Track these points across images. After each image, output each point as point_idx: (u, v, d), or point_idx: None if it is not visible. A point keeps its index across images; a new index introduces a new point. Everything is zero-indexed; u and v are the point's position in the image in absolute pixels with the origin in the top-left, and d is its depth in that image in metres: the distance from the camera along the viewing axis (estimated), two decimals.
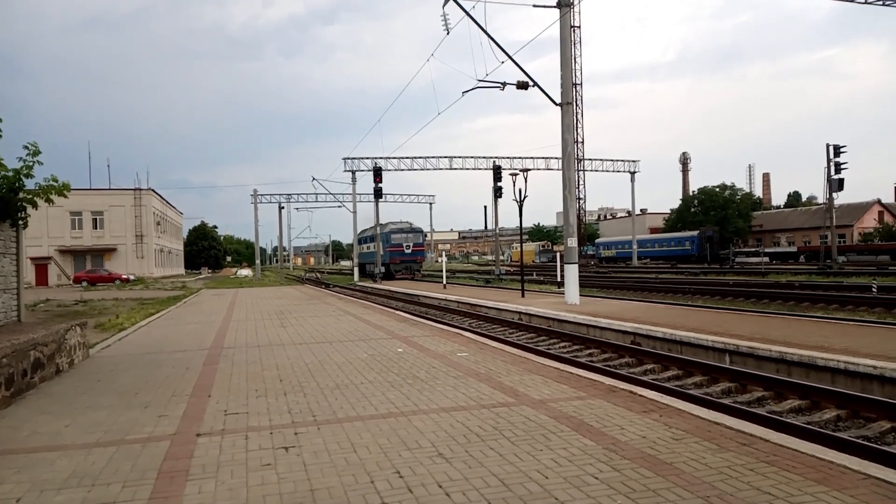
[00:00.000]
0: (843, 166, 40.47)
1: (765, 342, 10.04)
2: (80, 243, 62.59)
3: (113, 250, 63.31)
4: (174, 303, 25.35)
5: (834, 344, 9.76)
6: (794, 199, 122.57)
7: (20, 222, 9.57)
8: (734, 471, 4.26)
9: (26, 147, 9.01)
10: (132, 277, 56.15)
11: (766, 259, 54.51)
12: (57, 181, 9.41)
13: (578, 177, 64.83)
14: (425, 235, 49.50)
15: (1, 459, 4.94)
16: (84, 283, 51.09)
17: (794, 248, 66.37)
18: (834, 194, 42.47)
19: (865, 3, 21.59)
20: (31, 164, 9.03)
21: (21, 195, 9.22)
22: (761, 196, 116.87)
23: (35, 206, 9.52)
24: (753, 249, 64.85)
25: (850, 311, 17.68)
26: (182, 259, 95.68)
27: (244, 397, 6.96)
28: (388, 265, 45.12)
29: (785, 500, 3.77)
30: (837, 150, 40.32)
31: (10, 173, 8.91)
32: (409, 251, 45.60)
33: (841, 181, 40.89)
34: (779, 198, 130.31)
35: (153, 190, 68.97)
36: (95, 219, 63.58)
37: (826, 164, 40.92)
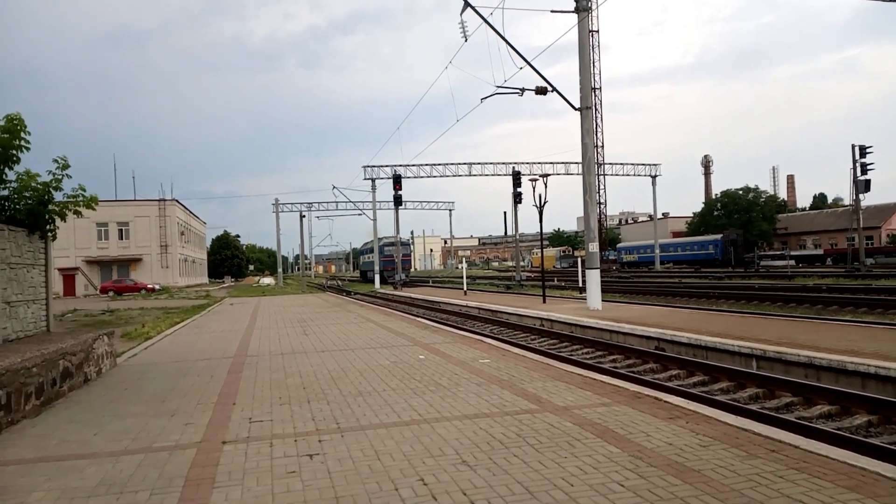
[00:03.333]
0: (869, 167, 39.70)
1: (792, 347, 9.87)
2: (106, 254, 63.63)
3: (138, 260, 64.25)
4: (198, 311, 25.64)
5: (864, 348, 9.57)
6: (819, 200, 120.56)
7: (49, 234, 9.75)
8: (763, 478, 4.19)
9: (56, 161, 9.21)
10: (157, 287, 56.92)
11: (792, 262, 53.67)
12: (85, 190, 9.59)
13: (599, 181, 64.43)
14: (411, 248, 58.97)
15: (32, 467, 5.03)
16: (111, 293, 51.94)
17: (820, 251, 65.29)
18: (860, 195, 41.67)
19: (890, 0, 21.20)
20: (60, 177, 9.22)
21: (50, 207, 9.41)
22: (786, 198, 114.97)
23: (64, 218, 9.70)
24: (779, 252, 63.93)
25: (879, 314, 17.31)
26: (206, 268, 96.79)
27: (268, 405, 7.01)
28: (382, 271, 53.22)
29: None
30: (863, 151, 39.59)
31: (40, 186, 9.10)
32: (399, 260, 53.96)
33: (867, 182, 40.12)
34: (804, 200, 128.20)
35: (177, 200, 69.95)
36: (121, 230, 64.62)
37: (852, 165, 40.21)
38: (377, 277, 51.14)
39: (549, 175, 25.30)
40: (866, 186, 40.33)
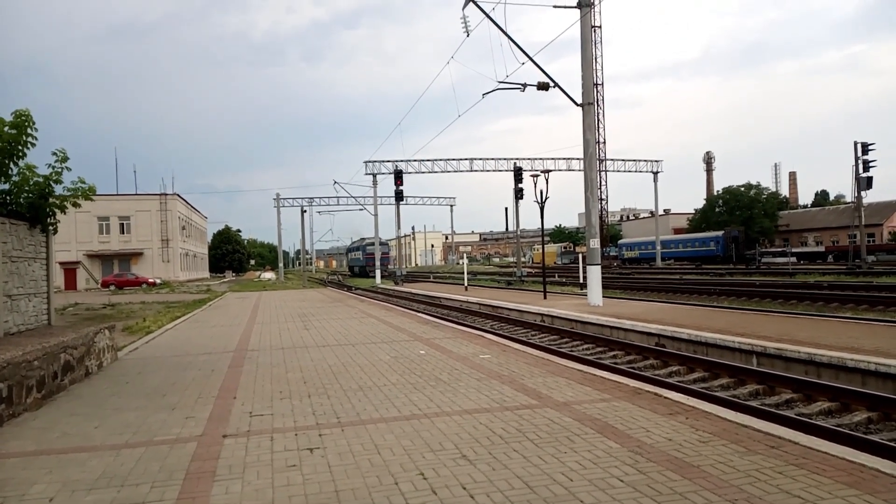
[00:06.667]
0: (871, 164, 39.60)
1: (793, 343, 9.88)
2: (107, 248, 63.73)
3: (139, 254, 64.35)
4: (199, 306, 25.67)
5: (864, 345, 9.56)
6: (821, 197, 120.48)
7: (50, 227, 9.77)
8: (763, 473, 4.20)
9: (55, 154, 9.23)
10: (158, 281, 57.05)
11: (794, 259, 53.58)
12: (85, 182, 9.61)
13: (600, 177, 64.44)
14: (389, 248, 67.96)
15: (33, 460, 5.04)
16: (112, 287, 52.08)
17: (821, 248, 65.17)
18: (862, 193, 41.64)
19: None
20: (59, 170, 9.24)
21: (51, 200, 9.42)
22: (788, 195, 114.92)
23: (64, 211, 9.71)
24: (780, 249, 63.82)
25: (880, 311, 17.30)
26: (207, 262, 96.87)
27: (269, 399, 7.02)
28: (363, 267, 61.14)
29: (815, 503, 3.70)
30: (865, 148, 39.49)
31: (41, 179, 9.11)
32: (379, 258, 60.83)
33: (869, 179, 40.03)
34: (806, 197, 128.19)
35: (178, 195, 69.99)
36: (122, 224, 64.73)
37: (854, 162, 40.13)
38: (378, 272, 51.49)
39: (551, 171, 25.27)
40: (868, 183, 40.25)
